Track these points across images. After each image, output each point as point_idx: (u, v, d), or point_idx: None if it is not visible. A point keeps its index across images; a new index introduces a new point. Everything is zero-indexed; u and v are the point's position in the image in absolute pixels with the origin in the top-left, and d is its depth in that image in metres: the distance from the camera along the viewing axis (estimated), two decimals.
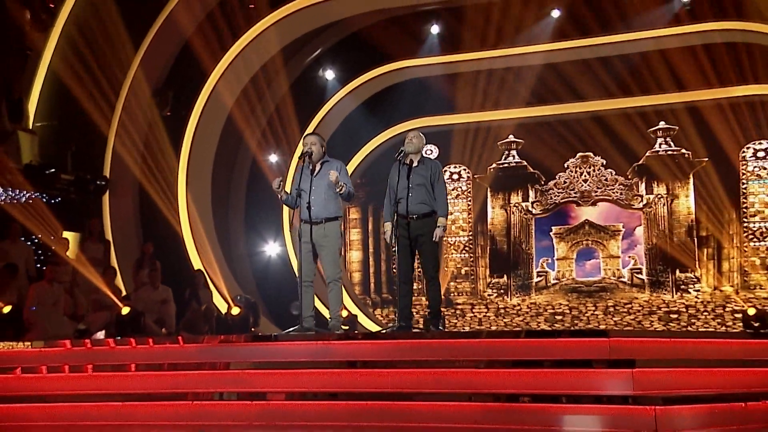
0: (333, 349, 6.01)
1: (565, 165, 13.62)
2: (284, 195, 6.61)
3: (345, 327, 9.10)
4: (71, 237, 10.97)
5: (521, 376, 5.33)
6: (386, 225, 6.71)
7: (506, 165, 13.95)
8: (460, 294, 13.99)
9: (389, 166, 6.81)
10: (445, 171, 13.44)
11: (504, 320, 13.63)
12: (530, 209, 13.83)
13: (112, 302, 9.80)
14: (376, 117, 13.62)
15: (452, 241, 13.99)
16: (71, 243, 10.81)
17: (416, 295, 8.07)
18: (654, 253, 13.17)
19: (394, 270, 14.05)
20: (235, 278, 12.63)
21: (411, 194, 6.53)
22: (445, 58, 13.26)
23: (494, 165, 13.98)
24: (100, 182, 11.74)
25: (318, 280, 6.80)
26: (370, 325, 13.06)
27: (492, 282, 13.91)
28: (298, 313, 6.61)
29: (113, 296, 9.89)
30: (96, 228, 10.93)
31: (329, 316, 6.81)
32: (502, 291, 13.83)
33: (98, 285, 9.93)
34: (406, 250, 6.58)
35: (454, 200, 13.84)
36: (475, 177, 14.06)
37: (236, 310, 11.03)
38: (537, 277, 13.65)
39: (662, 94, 12.72)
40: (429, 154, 11.88)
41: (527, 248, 13.78)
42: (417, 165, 6.65)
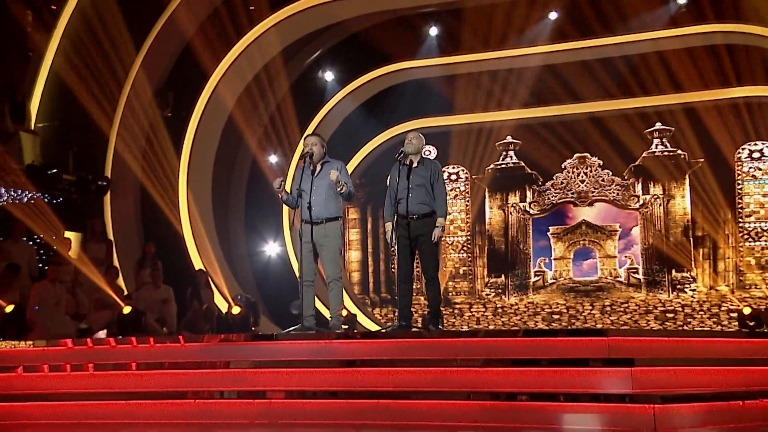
0: (333, 348, 6.01)
1: (563, 166, 13.66)
2: (285, 195, 6.61)
3: (345, 326, 9.14)
4: (73, 237, 10.96)
5: (521, 375, 5.33)
6: (387, 225, 6.73)
7: (504, 165, 13.98)
8: (459, 293, 14.01)
9: (388, 167, 6.81)
10: (444, 171, 13.42)
11: (502, 319, 13.66)
12: (528, 209, 13.86)
13: (113, 302, 9.76)
14: (376, 118, 13.64)
15: (450, 241, 14.01)
16: (73, 243, 10.80)
17: (415, 294, 8.11)
18: (650, 253, 13.20)
19: (393, 270, 14.11)
20: (236, 278, 12.62)
21: (411, 194, 6.54)
22: (443, 59, 13.27)
23: (492, 165, 14.00)
24: (101, 182, 11.74)
25: (318, 280, 6.79)
26: (369, 324, 13.07)
27: (490, 281, 13.94)
28: (299, 313, 6.61)
29: (115, 296, 9.85)
30: (98, 228, 10.90)
31: (329, 315, 6.81)
32: (499, 290, 13.86)
33: (100, 284, 9.88)
34: (406, 250, 6.58)
35: (452, 200, 13.84)
36: (474, 177, 14.08)
37: (237, 310, 11.04)
38: (534, 277, 13.68)
39: (659, 95, 12.76)
40: (428, 154, 11.91)
41: (525, 248, 13.80)
42: (417, 165, 6.66)
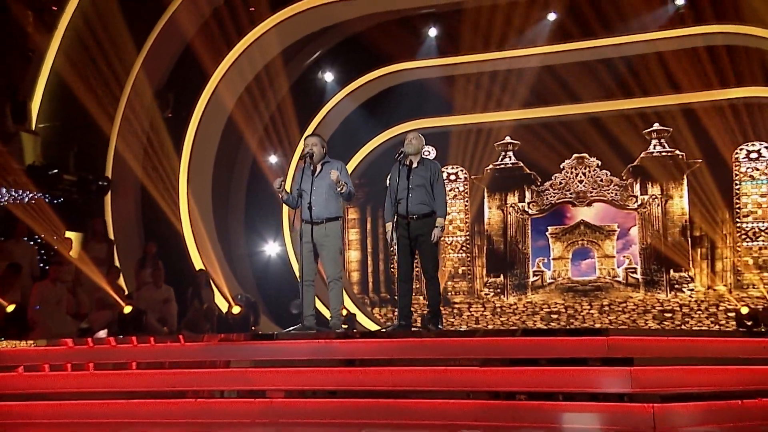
0: (334, 347, 6.02)
1: (561, 166, 13.69)
2: (285, 195, 6.62)
3: (344, 326, 9.18)
4: (74, 237, 10.97)
5: (521, 374, 5.36)
6: (387, 225, 6.76)
7: (503, 166, 14.01)
8: (458, 293, 14.04)
9: (388, 167, 6.82)
10: (443, 172, 13.46)
11: (500, 319, 13.69)
12: (526, 209, 13.90)
13: (114, 301, 9.75)
14: (375, 118, 13.66)
15: (449, 241, 14.04)
16: (74, 243, 10.81)
17: (414, 294, 8.15)
18: (648, 253, 13.23)
19: (392, 269, 14.15)
20: (236, 278, 12.65)
21: (411, 195, 6.56)
22: (442, 60, 13.31)
23: (491, 166, 14.03)
24: (102, 183, 11.77)
25: (318, 280, 6.81)
26: (369, 323, 13.12)
27: (489, 281, 13.98)
28: (298, 312, 6.62)
29: (116, 295, 9.84)
30: (99, 228, 10.91)
31: (330, 315, 6.83)
32: (498, 290, 13.90)
33: (101, 284, 9.88)
34: (406, 250, 6.60)
35: (451, 201, 13.84)
36: (473, 178, 14.11)
37: (237, 309, 11.04)
38: (533, 277, 13.72)
39: (657, 96, 12.79)
40: (427, 155, 11.96)
41: (523, 248, 13.84)
42: (417, 166, 6.68)
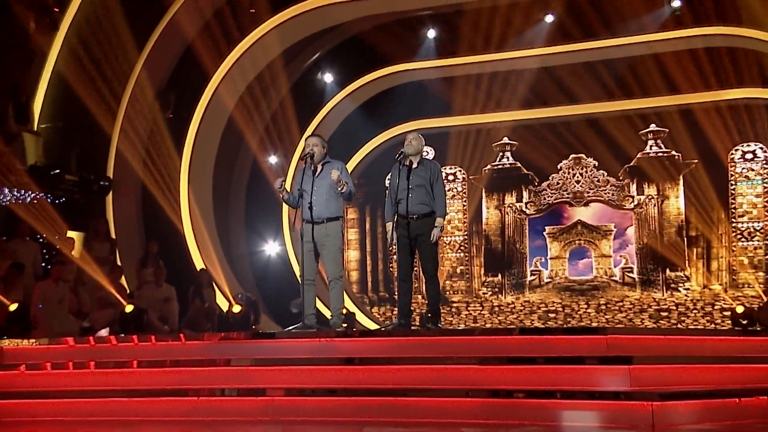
0: (334, 346, 6.06)
1: (558, 166, 13.76)
2: (286, 194, 6.67)
3: (344, 325, 9.24)
4: (76, 236, 11.00)
5: (520, 373, 5.41)
6: (387, 225, 6.83)
7: (501, 166, 14.08)
8: (456, 292, 14.10)
9: (387, 167, 6.90)
10: (441, 172, 13.57)
11: (498, 318, 13.76)
12: (524, 209, 13.97)
13: (116, 300, 9.79)
14: (374, 119, 13.70)
15: (448, 241, 14.09)
16: (76, 242, 10.85)
17: (414, 293, 8.23)
18: (645, 253, 13.31)
19: (391, 269, 14.24)
20: (236, 277, 12.68)
21: (411, 195, 6.62)
22: (441, 61, 13.35)
23: (489, 166, 14.09)
24: (103, 183, 11.82)
25: (318, 280, 6.84)
26: (368, 322, 13.18)
27: (487, 280, 14.05)
28: (299, 311, 6.65)
29: (118, 294, 9.88)
30: (102, 227, 10.93)
31: (330, 314, 6.87)
32: (496, 289, 13.96)
33: (103, 283, 9.92)
34: (406, 250, 6.65)
35: (449, 201, 13.86)
36: (471, 178, 14.17)
37: (237, 308, 11.04)
38: (531, 276, 13.78)
39: (653, 97, 12.86)
40: (425, 155, 12.03)
41: (521, 248, 13.92)
42: (417, 166, 6.74)
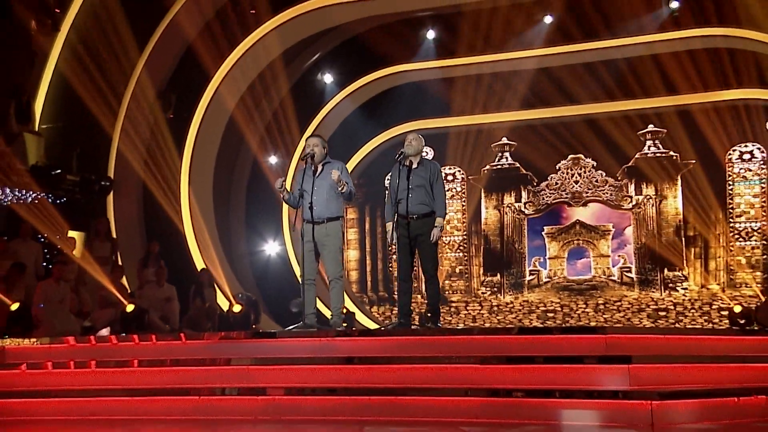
0: (335, 345, 6.07)
1: (557, 167, 13.84)
2: (286, 195, 6.69)
3: (344, 324, 9.27)
4: (77, 236, 11.02)
5: (521, 372, 5.42)
6: (387, 225, 6.86)
7: (500, 167, 14.15)
8: (455, 292, 14.17)
9: (387, 168, 6.94)
10: (441, 172, 13.61)
11: (497, 317, 13.82)
12: (523, 210, 14.04)
13: (117, 300, 9.80)
14: (374, 119, 13.75)
15: (447, 241, 14.14)
16: (77, 242, 10.88)
17: (413, 292, 8.28)
18: (643, 253, 13.39)
19: (390, 268, 14.30)
20: (236, 276, 12.71)
21: (411, 195, 6.65)
22: (440, 62, 13.39)
23: (488, 167, 14.17)
24: (104, 183, 11.83)
25: (318, 280, 6.85)
26: (367, 321, 13.24)
27: (486, 280, 14.12)
28: (299, 311, 6.67)
29: (119, 294, 9.89)
30: (103, 227, 10.96)
31: (330, 313, 6.90)
32: (495, 289, 14.03)
33: (104, 283, 9.94)
34: (406, 249, 6.68)
35: (449, 201, 13.90)
36: (470, 178, 14.23)
37: (238, 308, 11.06)
38: (529, 276, 13.86)
39: (651, 97, 12.92)
40: (425, 155, 12.08)
41: (520, 247, 13.99)
42: (417, 167, 6.77)
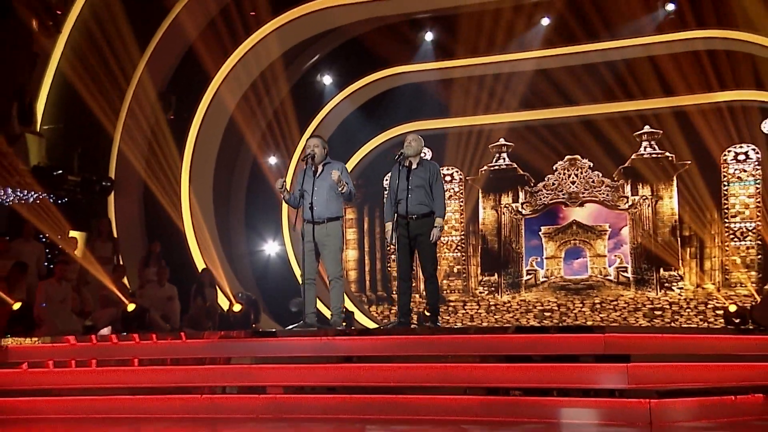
0: (335, 344, 6.12)
1: (554, 167, 13.90)
2: (287, 195, 6.76)
3: (344, 323, 9.35)
4: (78, 236, 11.07)
5: (520, 371, 5.47)
6: (387, 225, 6.94)
7: (497, 167, 14.21)
8: (453, 291, 14.23)
9: (385, 168, 7.05)
10: (441, 172, 13.67)
11: (495, 317, 13.87)
12: (520, 210, 14.11)
13: (118, 299, 9.85)
14: (372, 120, 13.80)
15: (445, 241, 14.17)
16: (79, 242, 10.93)
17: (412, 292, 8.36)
18: (639, 252, 13.46)
19: (388, 268, 14.39)
20: (236, 276, 12.77)
21: (410, 195, 6.72)
22: (439, 64, 13.44)
23: (486, 167, 14.22)
24: (105, 183, 11.88)
25: (318, 279, 6.90)
26: (366, 321, 13.31)
27: (483, 280, 14.18)
28: (298, 310, 6.77)
29: (120, 293, 9.95)
30: (105, 228, 11.01)
31: (330, 313, 6.97)
32: (493, 288, 14.10)
33: (106, 283, 10.00)
34: (406, 249, 6.75)
35: (447, 201, 14.03)
36: (468, 179, 14.29)
37: (238, 307, 11.13)
38: (527, 275, 13.93)
39: (648, 99, 12.98)
40: (423, 156, 12.17)
41: (517, 247, 14.06)
42: (416, 167, 6.84)
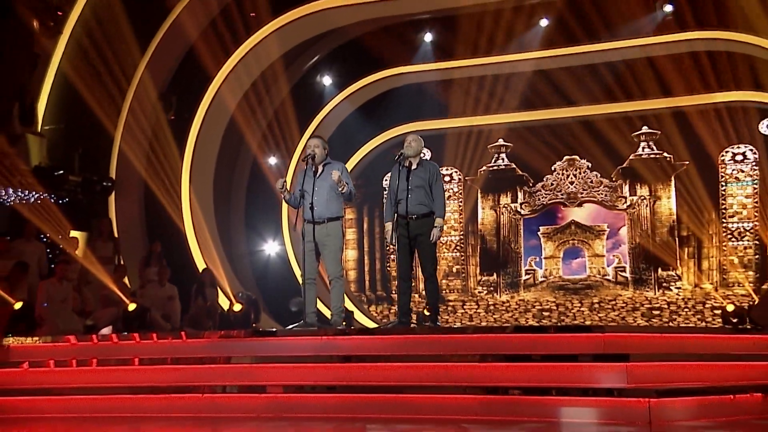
0: (335, 344, 6.15)
1: (553, 168, 13.95)
2: (287, 195, 6.80)
3: (344, 323, 9.39)
4: (79, 236, 11.10)
5: (520, 370, 5.49)
6: (387, 225, 6.98)
7: (496, 168, 14.25)
8: (452, 291, 14.26)
9: (385, 169, 7.11)
10: (440, 173, 13.71)
11: (494, 316, 13.91)
12: (519, 210, 14.16)
13: (119, 299, 9.90)
14: (372, 121, 13.82)
15: (444, 241, 14.19)
16: (80, 242, 10.96)
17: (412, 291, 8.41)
18: (637, 252, 13.50)
19: (388, 268, 14.44)
20: (236, 276, 12.81)
21: (410, 195, 6.76)
22: (438, 64, 13.49)
23: (484, 167, 14.26)
24: (106, 183, 11.91)
25: (318, 279, 6.94)
26: (366, 321, 13.37)
27: (482, 280, 14.22)
28: (298, 310, 6.79)
29: (121, 293, 9.99)
30: (106, 228, 11.05)
31: (330, 312, 7.00)
32: (491, 288, 14.14)
33: (107, 282, 10.04)
34: (406, 249, 6.79)
35: (446, 201, 14.14)
36: (467, 179, 14.33)
37: (238, 307, 11.16)
38: (525, 275, 13.97)
39: (646, 99, 13.04)
40: (423, 156, 12.22)
41: (516, 247, 14.09)
42: (416, 167, 6.88)
